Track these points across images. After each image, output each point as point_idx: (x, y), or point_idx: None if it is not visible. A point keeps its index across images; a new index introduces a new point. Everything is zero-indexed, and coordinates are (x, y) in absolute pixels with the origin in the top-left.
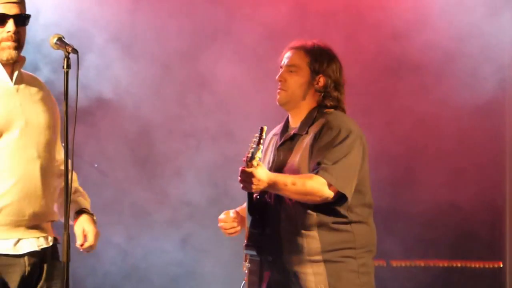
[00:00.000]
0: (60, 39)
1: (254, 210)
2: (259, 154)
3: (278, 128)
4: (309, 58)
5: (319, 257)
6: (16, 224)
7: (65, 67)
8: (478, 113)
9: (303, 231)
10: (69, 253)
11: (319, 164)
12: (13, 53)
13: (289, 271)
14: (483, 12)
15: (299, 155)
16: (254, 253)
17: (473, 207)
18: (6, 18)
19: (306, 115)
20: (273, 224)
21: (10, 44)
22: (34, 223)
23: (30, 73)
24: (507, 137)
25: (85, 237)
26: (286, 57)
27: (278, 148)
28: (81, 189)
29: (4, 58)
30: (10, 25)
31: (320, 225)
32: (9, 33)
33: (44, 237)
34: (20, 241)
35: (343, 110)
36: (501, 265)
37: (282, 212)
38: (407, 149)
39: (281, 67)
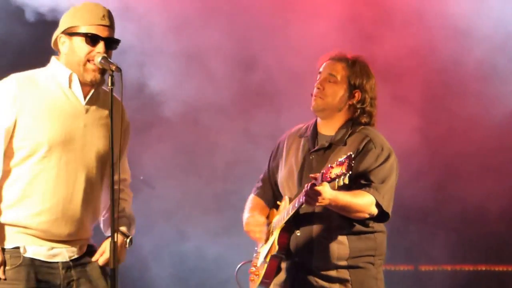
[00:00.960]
0: (104, 58)
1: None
2: (343, 181)
3: (299, 131)
4: (349, 72)
5: (344, 263)
6: (53, 238)
7: (109, 84)
8: None
9: (334, 236)
10: (115, 261)
11: (367, 181)
12: (97, 76)
13: (316, 274)
14: None
15: (340, 160)
16: (282, 253)
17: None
18: (98, 39)
19: (341, 126)
20: (304, 227)
21: (93, 73)
22: (68, 239)
23: (108, 92)
24: None
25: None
26: (327, 66)
27: (311, 153)
28: (128, 212)
29: (88, 80)
30: (101, 46)
31: (350, 232)
32: (99, 54)
33: (78, 247)
34: (54, 249)
35: (373, 126)
36: None
37: (315, 216)
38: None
39: (319, 72)
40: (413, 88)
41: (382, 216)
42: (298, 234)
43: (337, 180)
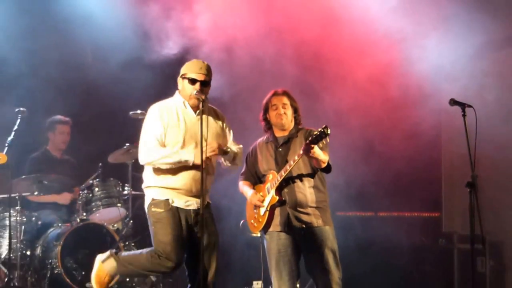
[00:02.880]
0: (198, 92)
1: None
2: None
3: (264, 140)
4: (290, 100)
5: (314, 205)
6: (188, 194)
7: (200, 110)
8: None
9: (306, 191)
10: (203, 225)
11: (322, 149)
12: (196, 102)
13: (299, 212)
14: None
15: (298, 147)
16: (278, 203)
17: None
18: (196, 81)
19: (292, 129)
20: (289, 185)
21: (193, 100)
22: (196, 195)
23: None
24: (442, 124)
25: None
26: (277, 99)
27: (280, 148)
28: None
29: (191, 104)
30: (197, 86)
31: (313, 187)
32: (196, 90)
33: (196, 198)
34: (190, 203)
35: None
36: (439, 215)
37: (295, 179)
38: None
39: (274, 106)
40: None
41: (328, 168)
42: (286, 190)
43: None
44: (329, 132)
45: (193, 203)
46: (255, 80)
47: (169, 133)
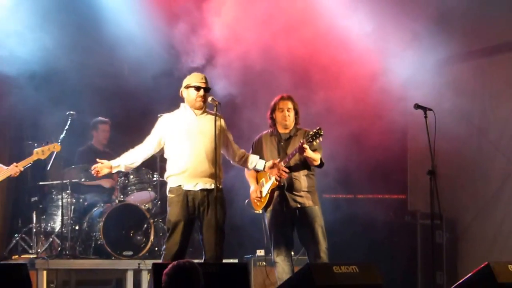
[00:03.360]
0: (211, 98)
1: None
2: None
3: (268, 133)
4: (293, 104)
5: (306, 189)
6: (195, 176)
7: (215, 112)
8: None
9: (300, 177)
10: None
11: (315, 150)
12: (201, 105)
13: (295, 195)
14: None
15: (297, 144)
16: (277, 187)
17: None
18: (200, 88)
19: (292, 128)
20: (288, 172)
21: (199, 102)
22: (203, 176)
23: (212, 112)
24: (408, 124)
25: None
26: (283, 103)
27: (282, 143)
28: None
29: (197, 107)
30: (201, 92)
31: (306, 175)
32: (200, 95)
33: (208, 182)
34: (198, 182)
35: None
36: (405, 197)
37: (292, 169)
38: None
39: (281, 109)
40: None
41: (321, 164)
42: (285, 177)
43: (312, 142)
44: (322, 133)
45: (200, 184)
46: (259, 85)
47: (171, 134)
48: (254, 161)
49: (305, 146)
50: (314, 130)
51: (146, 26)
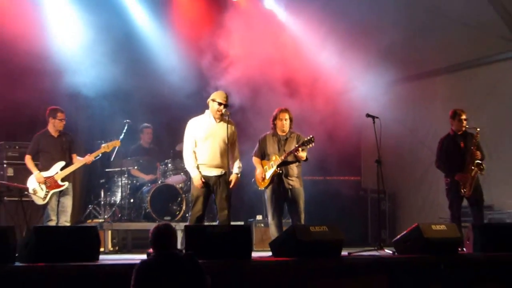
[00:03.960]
0: (225, 110)
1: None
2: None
3: (271, 134)
4: (290, 115)
5: (296, 175)
6: (210, 166)
7: (226, 120)
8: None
9: (293, 166)
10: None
11: (303, 150)
12: (220, 115)
13: (289, 179)
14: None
15: (292, 144)
16: (277, 173)
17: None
18: (221, 104)
19: (287, 132)
20: (284, 164)
21: (218, 114)
22: (217, 166)
23: (228, 120)
24: (362, 127)
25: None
26: (282, 114)
27: (281, 142)
28: (238, 164)
29: (216, 116)
30: (222, 107)
31: (296, 166)
32: (220, 109)
33: (222, 169)
34: (213, 170)
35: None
36: (360, 178)
37: (288, 162)
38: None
39: (280, 118)
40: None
41: (306, 160)
42: (283, 167)
43: (305, 146)
44: (313, 140)
45: (214, 171)
46: (260, 98)
47: (197, 134)
48: (235, 166)
49: (300, 153)
50: (308, 138)
51: (182, 58)
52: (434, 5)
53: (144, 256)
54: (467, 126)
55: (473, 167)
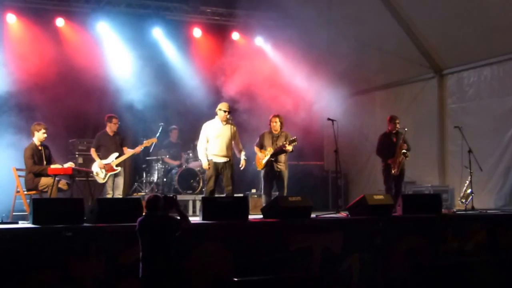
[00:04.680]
0: (229, 115)
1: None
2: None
3: (267, 131)
4: (282, 119)
5: (284, 161)
6: (219, 156)
7: (231, 122)
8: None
9: (282, 156)
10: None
11: (290, 145)
12: (226, 119)
13: (279, 164)
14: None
15: (281, 141)
16: (271, 158)
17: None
18: (226, 111)
19: (280, 131)
20: (275, 153)
21: (224, 119)
22: (224, 155)
23: (232, 122)
24: (324, 127)
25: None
26: (274, 119)
27: (274, 138)
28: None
29: (222, 120)
30: (226, 113)
31: (284, 155)
32: (225, 116)
33: (227, 157)
34: (221, 158)
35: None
36: (323, 163)
37: (279, 152)
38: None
39: (273, 121)
40: None
41: (292, 151)
42: (274, 155)
43: (292, 143)
44: (296, 141)
45: (222, 159)
46: (255, 107)
47: (209, 133)
48: (242, 155)
49: (287, 147)
50: (293, 138)
51: (201, 79)
52: (371, 40)
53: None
54: (398, 127)
55: (400, 155)
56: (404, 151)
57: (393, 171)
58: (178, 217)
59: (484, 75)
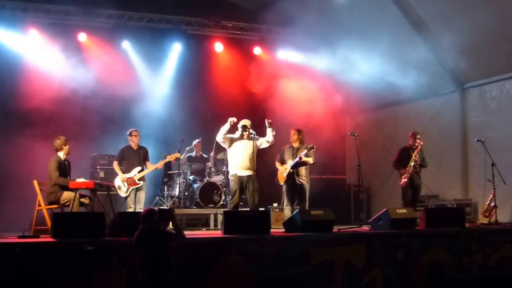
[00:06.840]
0: (250, 131)
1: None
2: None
3: (289, 146)
4: (299, 134)
5: (305, 174)
6: (243, 169)
7: (252, 135)
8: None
9: (303, 169)
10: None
11: (310, 156)
12: (245, 134)
13: (300, 178)
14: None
15: (303, 153)
16: (291, 171)
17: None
18: (246, 127)
19: (299, 144)
20: (297, 166)
21: (245, 135)
22: (247, 168)
23: (252, 137)
24: (347, 140)
25: None
26: (293, 133)
27: (294, 151)
28: None
29: (245, 137)
30: (246, 131)
31: (305, 168)
32: (245, 133)
33: (251, 171)
34: (245, 171)
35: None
36: (345, 177)
37: (299, 164)
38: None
39: (293, 136)
40: None
41: (312, 163)
42: (295, 168)
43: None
44: (314, 147)
45: (245, 172)
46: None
47: (232, 143)
48: (269, 135)
49: (304, 158)
50: (310, 146)
51: (223, 92)
52: (394, 54)
53: (192, 232)
54: (418, 142)
55: (410, 166)
56: (413, 163)
57: (402, 180)
58: (173, 231)
59: (506, 89)
